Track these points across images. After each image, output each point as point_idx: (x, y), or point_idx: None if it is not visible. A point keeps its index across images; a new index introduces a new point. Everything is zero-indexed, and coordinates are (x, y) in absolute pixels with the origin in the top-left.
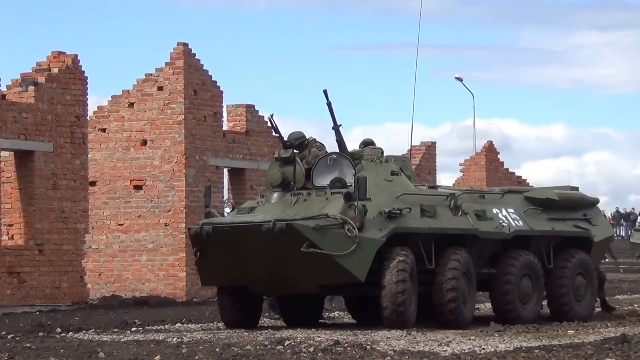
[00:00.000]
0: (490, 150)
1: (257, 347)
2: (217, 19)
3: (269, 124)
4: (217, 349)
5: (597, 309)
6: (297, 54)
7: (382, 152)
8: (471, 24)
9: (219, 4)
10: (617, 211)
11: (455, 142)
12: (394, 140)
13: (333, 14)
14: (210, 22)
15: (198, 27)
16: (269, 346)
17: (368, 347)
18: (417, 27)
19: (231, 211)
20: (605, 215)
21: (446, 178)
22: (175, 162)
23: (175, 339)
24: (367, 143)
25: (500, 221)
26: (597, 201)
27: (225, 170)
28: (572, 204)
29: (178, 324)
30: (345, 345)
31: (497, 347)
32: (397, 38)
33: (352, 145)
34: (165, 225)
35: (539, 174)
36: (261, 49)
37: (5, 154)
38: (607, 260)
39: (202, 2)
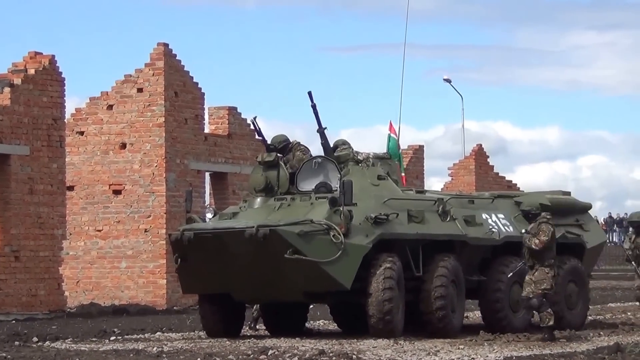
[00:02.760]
0: (479, 154)
1: (240, 356)
2: (201, 19)
3: (251, 127)
4: (199, 359)
5: (590, 317)
6: (284, 54)
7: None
8: (465, 23)
9: (205, 3)
10: (610, 216)
11: (448, 145)
12: (384, 143)
13: (324, 15)
14: (193, 22)
15: (179, 27)
16: (251, 356)
17: (354, 356)
18: (409, 27)
19: (213, 216)
20: (598, 221)
21: (438, 182)
22: (156, 166)
23: (155, 348)
24: (337, 145)
25: (490, 227)
26: (590, 206)
27: (207, 175)
28: (564, 209)
29: (158, 333)
30: (331, 354)
31: (487, 356)
32: (389, 39)
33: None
34: (145, 231)
35: (534, 178)
36: (246, 50)
37: None
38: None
39: (186, 2)
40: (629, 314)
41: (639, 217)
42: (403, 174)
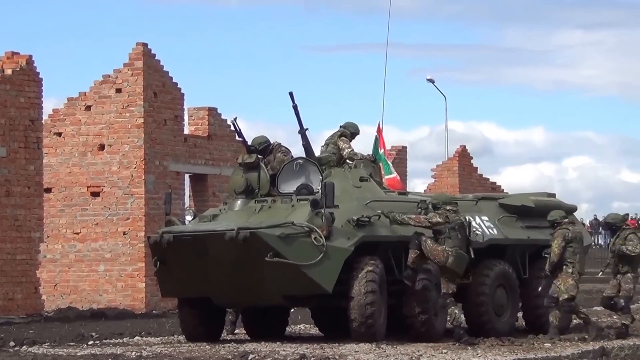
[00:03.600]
0: (463, 156)
1: None
2: (181, 18)
3: (232, 128)
4: None
5: (575, 321)
6: (265, 54)
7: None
8: (451, 22)
9: (186, 2)
10: (595, 219)
11: (433, 147)
12: (368, 144)
13: (307, 14)
14: (173, 21)
15: (159, 26)
16: None
17: None
18: (394, 26)
19: (192, 219)
20: (583, 223)
21: (422, 184)
22: (134, 168)
23: (134, 352)
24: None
25: (474, 229)
26: (575, 208)
27: (187, 176)
28: (548, 211)
29: (137, 337)
30: (312, 359)
31: None
32: (373, 38)
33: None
34: (124, 234)
35: (520, 179)
36: (227, 49)
37: None
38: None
39: (165, 1)
40: (614, 317)
41: (613, 218)
42: (393, 176)
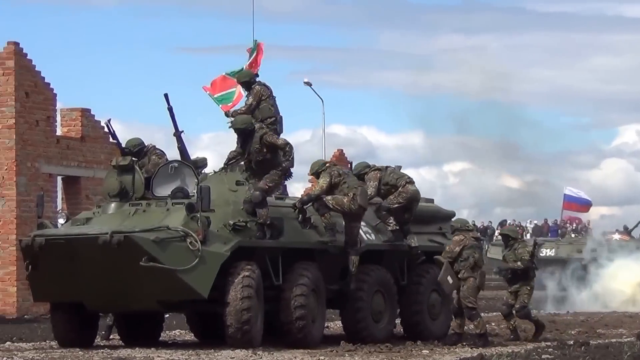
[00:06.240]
0: (340, 159)
1: None
2: (54, 17)
3: (105, 130)
4: None
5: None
6: (141, 54)
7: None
8: (328, 25)
9: (60, 2)
10: (473, 224)
11: (315, 150)
12: None
13: (183, 14)
14: (46, 20)
15: (30, 25)
16: None
17: None
18: (271, 29)
19: (65, 222)
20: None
21: (303, 188)
22: (5, 170)
23: (4, 358)
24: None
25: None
26: (454, 214)
27: (59, 179)
28: (426, 216)
29: (8, 343)
30: None
31: None
32: (251, 40)
33: (200, 152)
34: None
35: None
36: (101, 49)
37: None
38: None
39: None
40: (492, 324)
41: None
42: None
